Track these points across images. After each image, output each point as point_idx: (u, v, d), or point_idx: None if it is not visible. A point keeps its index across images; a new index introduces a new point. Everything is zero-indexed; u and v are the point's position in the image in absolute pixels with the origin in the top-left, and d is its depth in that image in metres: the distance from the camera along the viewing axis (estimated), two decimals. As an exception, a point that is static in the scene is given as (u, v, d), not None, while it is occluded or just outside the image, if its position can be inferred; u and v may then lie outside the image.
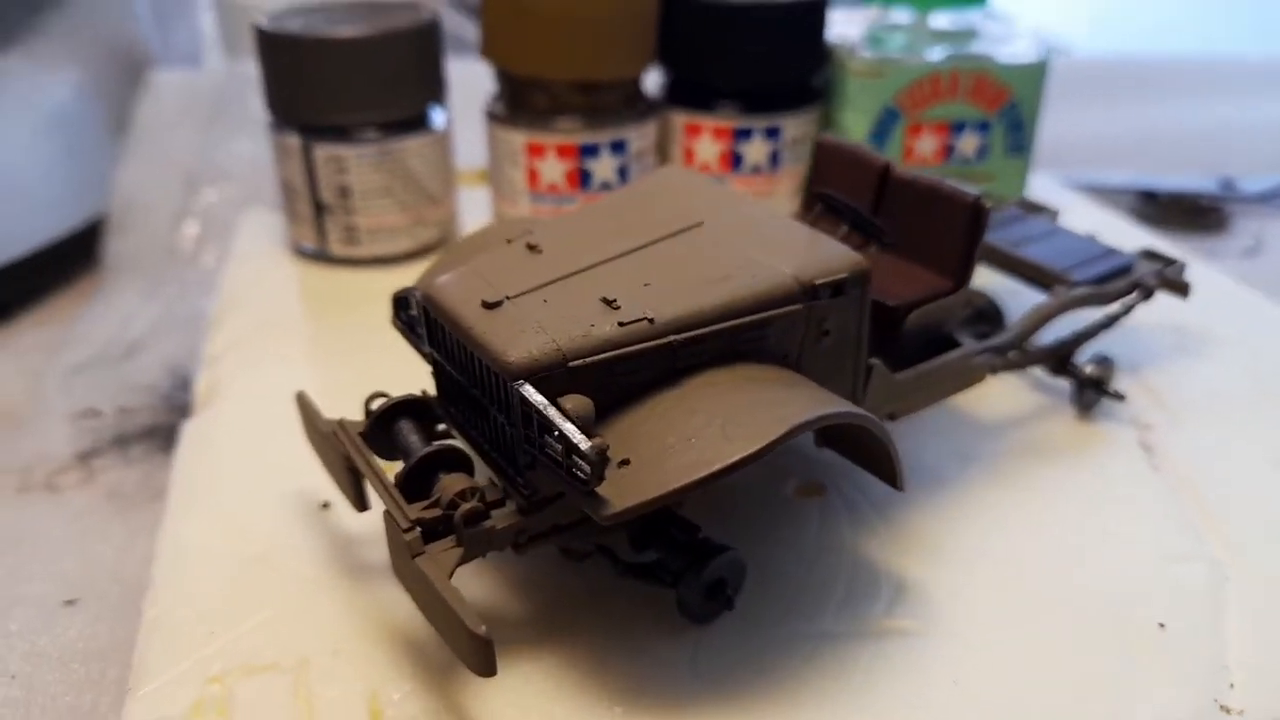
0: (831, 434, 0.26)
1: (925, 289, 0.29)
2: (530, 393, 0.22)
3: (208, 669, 0.24)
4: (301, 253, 0.44)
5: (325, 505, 0.29)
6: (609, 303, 0.24)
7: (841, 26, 0.47)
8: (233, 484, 0.31)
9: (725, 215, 0.27)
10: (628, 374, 0.23)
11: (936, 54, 0.44)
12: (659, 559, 0.25)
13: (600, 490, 0.21)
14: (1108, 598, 0.26)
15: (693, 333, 0.24)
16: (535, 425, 0.22)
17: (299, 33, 0.40)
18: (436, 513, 0.23)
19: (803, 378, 0.25)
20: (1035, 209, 0.40)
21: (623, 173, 0.43)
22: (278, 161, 0.42)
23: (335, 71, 0.40)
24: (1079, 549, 0.28)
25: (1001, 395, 0.35)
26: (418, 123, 0.42)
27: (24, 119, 0.54)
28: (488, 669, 0.21)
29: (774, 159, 0.45)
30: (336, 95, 0.40)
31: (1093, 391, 0.33)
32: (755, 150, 0.45)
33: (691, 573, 0.25)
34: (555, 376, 0.22)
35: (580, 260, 0.26)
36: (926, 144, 0.45)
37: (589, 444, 0.21)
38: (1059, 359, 0.34)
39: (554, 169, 0.43)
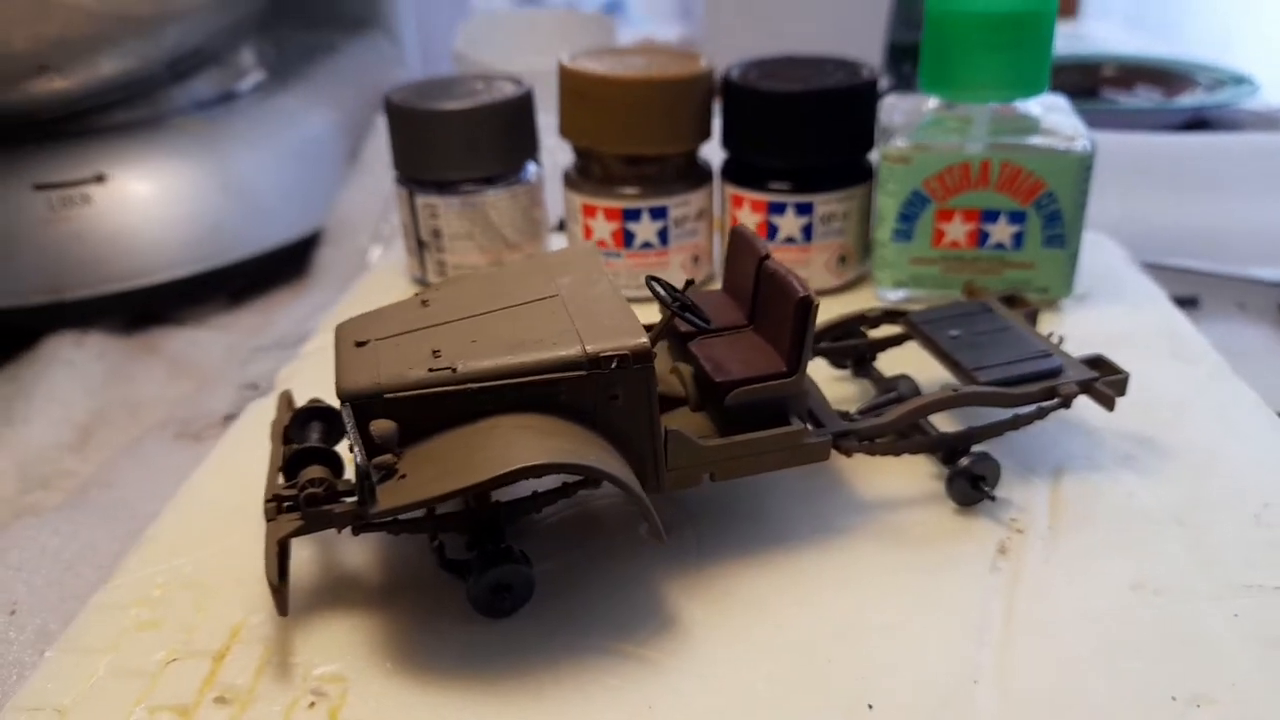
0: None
1: (761, 370, 0.33)
2: (346, 413, 0.29)
3: (156, 579, 0.34)
4: (414, 279, 0.54)
5: (299, 479, 0.38)
6: (435, 353, 0.31)
7: (900, 114, 0.49)
8: (255, 453, 0.40)
9: (578, 291, 0.33)
10: (435, 410, 0.30)
11: (973, 143, 0.45)
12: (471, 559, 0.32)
13: (378, 493, 0.29)
14: (844, 674, 0.29)
15: (486, 384, 0.30)
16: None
17: (411, 104, 0.49)
18: (292, 492, 0.31)
19: (577, 430, 0.30)
20: (1018, 303, 0.41)
21: (663, 235, 0.49)
22: (399, 204, 0.53)
23: (437, 137, 0.49)
24: (858, 628, 0.30)
25: (897, 476, 0.37)
26: (504, 178, 0.51)
27: (278, 147, 0.69)
28: (280, 609, 0.29)
29: (806, 232, 0.48)
30: (437, 157, 0.50)
31: (966, 486, 0.35)
32: (788, 223, 0.48)
33: (479, 573, 0.31)
34: (373, 404, 0.30)
35: (445, 316, 0.32)
36: (957, 229, 0.47)
37: (362, 460, 0.28)
38: (951, 450, 0.35)
39: (603, 228, 0.49)
